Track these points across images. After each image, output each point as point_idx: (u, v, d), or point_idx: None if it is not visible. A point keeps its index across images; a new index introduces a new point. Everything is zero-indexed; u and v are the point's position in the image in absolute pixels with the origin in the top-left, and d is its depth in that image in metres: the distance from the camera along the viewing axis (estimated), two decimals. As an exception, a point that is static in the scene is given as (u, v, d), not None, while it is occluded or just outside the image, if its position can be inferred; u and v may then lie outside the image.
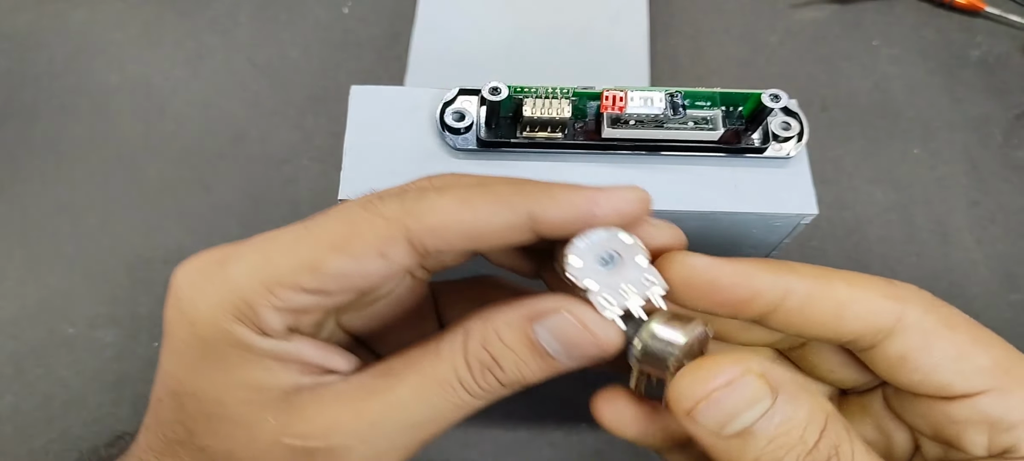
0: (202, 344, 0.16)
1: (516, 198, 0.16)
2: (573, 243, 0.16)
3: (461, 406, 0.17)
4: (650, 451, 0.31)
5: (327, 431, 0.16)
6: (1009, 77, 0.40)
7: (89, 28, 0.41)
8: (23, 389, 0.32)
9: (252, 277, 0.16)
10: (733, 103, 0.24)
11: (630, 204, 0.16)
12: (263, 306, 0.16)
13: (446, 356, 0.17)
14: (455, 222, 0.15)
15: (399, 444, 0.17)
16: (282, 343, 0.16)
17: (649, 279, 0.17)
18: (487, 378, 0.16)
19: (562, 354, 0.16)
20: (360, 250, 0.15)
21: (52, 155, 0.37)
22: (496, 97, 0.22)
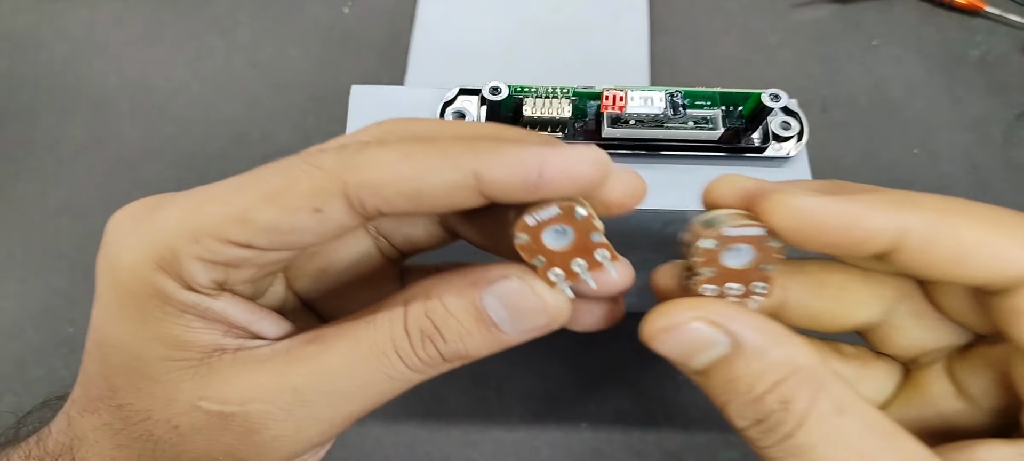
0: (124, 293, 0.15)
1: (462, 155, 0.14)
2: (524, 216, 0.15)
3: (395, 378, 0.16)
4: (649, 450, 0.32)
5: (244, 396, 0.15)
6: (1009, 77, 0.40)
7: (89, 29, 0.42)
8: (24, 389, 0.32)
9: (179, 225, 0.15)
10: (733, 103, 0.24)
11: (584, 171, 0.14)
12: (187, 256, 0.15)
13: (383, 323, 0.15)
14: (394, 178, 0.14)
15: (323, 416, 0.16)
16: (206, 299, 0.15)
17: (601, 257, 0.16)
18: (427, 349, 0.15)
19: (508, 322, 0.15)
20: (293, 203, 0.14)
21: (52, 156, 0.38)
22: (496, 97, 0.23)
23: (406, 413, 0.31)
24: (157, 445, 0.16)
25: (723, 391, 0.15)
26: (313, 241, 0.15)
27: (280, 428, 0.15)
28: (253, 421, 0.15)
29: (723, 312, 0.15)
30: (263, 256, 0.15)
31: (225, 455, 0.16)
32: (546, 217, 0.15)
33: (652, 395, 0.32)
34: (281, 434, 0.15)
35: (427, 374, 0.16)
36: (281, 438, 0.15)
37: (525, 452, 0.31)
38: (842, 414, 0.14)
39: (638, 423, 0.32)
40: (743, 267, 0.16)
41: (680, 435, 0.31)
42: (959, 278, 0.15)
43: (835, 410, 0.14)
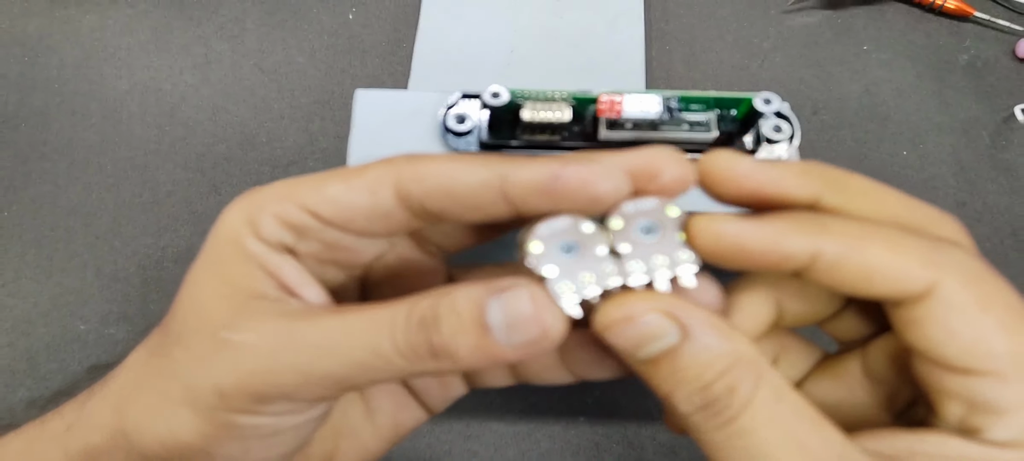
0: (213, 242, 0.18)
1: (495, 164, 0.16)
2: (534, 228, 0.16)
3: (379, 354, 0.16)
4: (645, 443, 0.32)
5: (246, 328, 0.16)
6: (997, 81, 0.41)
7: (99, 34, 0.42)
8: (36, 384, 0.33)
9: (275, 190, 0.17)
10: (726, 107, 0.24)
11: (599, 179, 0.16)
12: (267, 213, 0.17)
13: (395, 306, 0.16)
14: (436, 171, 0.16)
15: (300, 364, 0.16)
16: (269, 252, 0.17)
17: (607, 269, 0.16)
18: (418, 335, 0.16)
19: (504, 332, 0.16)
20: (356, 183, 0.17)
21: (64, 159, 0.38)
22: (497, 101, 0.23)
23: (409, 407, 0.32)
24: (167, 363, 0.17)
25: (669, 379, 0.16)
26: (364, 223, 0.17)
27: (260, 362, 0.16)
28: (242, 351, 0.16)
29: (676, 305, 0.16)
30: (324, 231, 0.17)
31: (207, 377, 0.17)
32: (555, 229, 0.16)
33: (647, 391, 0.33)
34: (258, 368, 0.16)
35: (413, 365, 0.16)
36: (257, 372, 0.16)
37: (525, 444, 0.32)
38: (779, 401, 0.16)
39: (634, 417, 0.32)
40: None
41: (675, 429, 0.32)
42: (865, 295, 0.16)
43: (774, 397, 0.16)
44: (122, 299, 0.35)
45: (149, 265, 0.35)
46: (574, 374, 0.21)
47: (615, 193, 0.16)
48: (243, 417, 0.17)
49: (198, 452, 0.17)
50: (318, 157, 0.38)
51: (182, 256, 0.35)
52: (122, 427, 0.18)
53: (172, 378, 0.17)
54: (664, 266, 0.16)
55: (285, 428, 0.17)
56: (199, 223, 0.36)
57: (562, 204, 0.16)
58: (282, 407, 0.17)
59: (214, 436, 0.17)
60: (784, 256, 0.16)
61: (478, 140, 0.24)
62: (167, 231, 0.36)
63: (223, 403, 0.16)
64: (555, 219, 0.16)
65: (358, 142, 0.24)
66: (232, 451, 0.17)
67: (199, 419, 0.17)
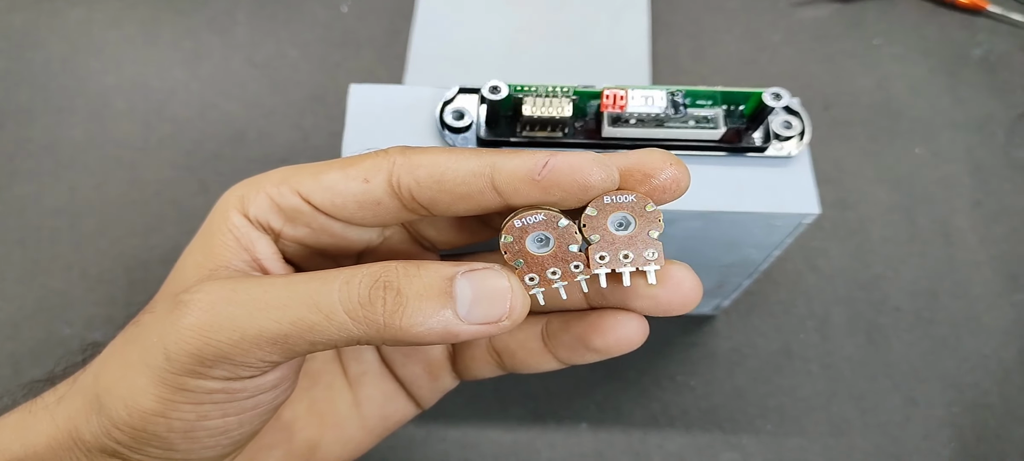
0: (209, 219, 0.19)
1: (486, 155, 0.17)
2: (512, 218, 0.17)
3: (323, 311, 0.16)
4: (652, 451, 0.31)
5: (199, 286, 0.17)
6: (1011, 76, 0.40)
7: (86, 28, 0.41)
8: (21, 390, 0.32)
9: (274, 175, 0.18)
10: (734, 102, 0.24)
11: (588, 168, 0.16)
12: (261, 193, 0.18)
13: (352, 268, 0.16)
14: (427, 161, 0.17)
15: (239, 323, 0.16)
16: (250, 229, 0.18)
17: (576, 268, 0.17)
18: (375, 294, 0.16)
19: (467, 305, 0.16)
20: (351, 172, 0.18)
21: (49, 157, 0.37)
22: (496, 96, 0.22)
23: (405, 415, 0.31)
24: (133, 330, 0.18)
25: None
26: (356, 211, 0.18)
27: (198, 318, 0.16)
28: (185, 309, 0.16)
29: None
30: (315, 217, 0.18)
31: (158, 338, 0.16)
32: (531, 222, 0.17)
33: (653, 395, 0.32)
34: (195, 324, 0.16)
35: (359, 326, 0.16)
36: (194, 328, 0.16)
37: (524, 454, 0.31)
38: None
39: (639, 424, 0.31)
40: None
41: (681, 436, 0.31)
42: None
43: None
44: (108, 302, 0.34)
45: (136, 266, 0.34)
46: (559, 359, 0.21)
47: (603, 184, 0.16)
48: (191, 380, 0.16)
49: (157, 417, 0.17)
50: (311, 154, 0.37)
51: (169, 257, 0.34)
52: (97, 393, 0.18)
53: (134, 342, 0.17)
54: (627, 262, 0.17)
55: (239, 395, 0.17)
56: (187, 223, 0.35)
57: (552, 193, 0.16)
58: (225, 370, 0.16)
59: (168, 399, 0.16)
60: None
61: (476, 136, 0.23)
62: (154, 231, 0.35)
63: (170, 365, 0.16)
64: (534, 213, 0.17)
65: (352, 139, 0.24)
66: (187, 415, 0.17)
67: (152, 383, 0.16)
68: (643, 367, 0.33)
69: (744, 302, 0.34)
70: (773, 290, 0.34)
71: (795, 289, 0.34)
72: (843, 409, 0.32)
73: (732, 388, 0.32)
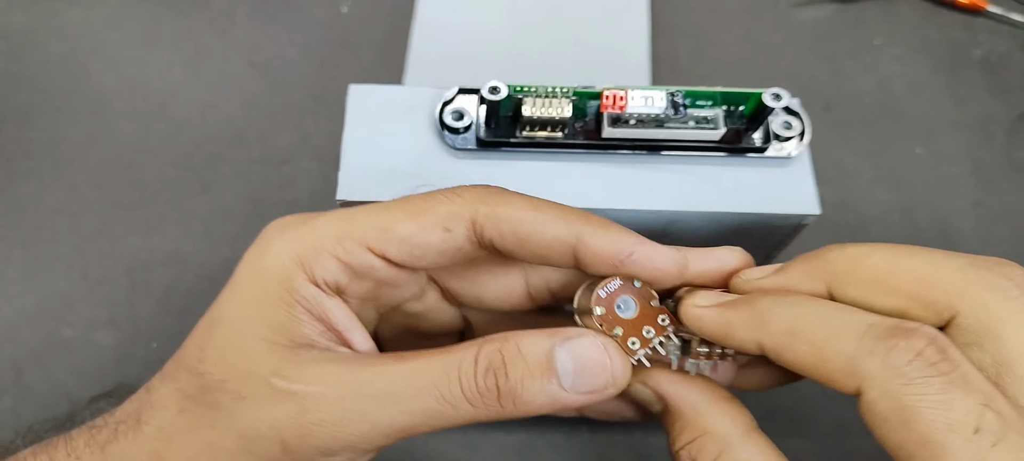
0: (260, 279, 0.17)
1: (573, 219, 0.17)
2: (596, 289, 0.18)
3: (448, 400, 0.16)
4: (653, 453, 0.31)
5: (312, 381, 0.16)
6: (1012, 76, 0.40)
7: (85, 28, 0.41)
8: (21, 392, 0.32)
9: (331, 229, 0.17)
10: (734, 102, 0.24)
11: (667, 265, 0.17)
12: (327, 253, 0.17)
13: (458, 351, 0.17)
14: (516, 217, 0.17)
15: (369, 415, 0.16)
16: (322, 296, 0.17)
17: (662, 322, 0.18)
18: (487, 380, 0.16)
19: (571, 378, 0.17)
20: (430, 221, 0.17)
21: (49, 157, 0.37)
22: (495, 96, 0.22)
23: (405, 415, 0.31)
24: (217, 414, 0.17)
25: None
26: (435, 260, 0.17)
27: (327, 412, 0.16)
28: (308, 401, 0.16)
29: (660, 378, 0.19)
30: (387, 271, 0.18)
31: (269, 428, 0.16)
32: (613, 289, 0.18)
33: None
34: (326, 419, 0.16)
35: (479, 410, 0.17)
36: (325, 423, 0.16)
37: (527, 455, 0.31)
38: None
39: (640, 425, 0.31)
40: None
41: (681, 437, 0.31)
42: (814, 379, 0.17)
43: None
44: (109, 303, 0.34)
45: (137, 267, 0.34)
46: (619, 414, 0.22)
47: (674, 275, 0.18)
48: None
49: None
50: (311, 155, 0.37)
51: (170, 258, 0.34)
52: None
53: (225, 429, 0.16)
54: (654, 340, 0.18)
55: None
56: (188, 223, 0.35)
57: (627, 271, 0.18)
58: (345, 456, 0.17)
59: None
60: (736, 343, 0.18)
61: (476, 136, 0.23)
62: (155, 232, 0.35)
63: (287, 455, 0.16)
64: (612, 280, 0.18)
65: (352, 139, 0.24)
66: None
67: None
68: (643, 367, 0.33)
69: (744, 302, 0.34)
70: (773, 290, 0.34)
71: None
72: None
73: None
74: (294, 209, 0.36)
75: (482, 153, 0.23)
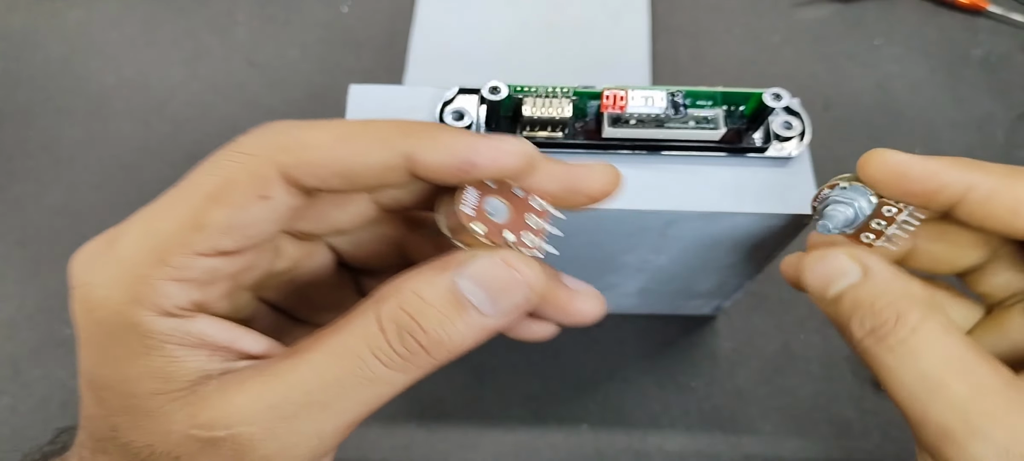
0: (105, 333, 0.15)
1: (395, 138, 0.15)
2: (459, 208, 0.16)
3: (374, 380, 0.15)
4: (652, 452, 0.31)
5: (229, 420, 0.15)
6: (1011, 77, 0.40)
7: (85, 28, 0.41)
8: (20, 390, 0.32)
9: (141, 249, 0.15)
10: (734, 102, 0.23)
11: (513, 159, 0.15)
12: (160, 280, 0.15)
13: (355, 326, 0.15)
14: (330, 157, 0.15)
15: (306, 430, 0.15)
16: (184, 323, 0.15)
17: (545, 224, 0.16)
18: (406, 343, 0.15)
19: (488, 304, 0.15)
20: (239, 197, 0.15)
21: (49, 157, 0.37)
22: (496, 96, 0.22)
23: (404, 414, 0.31)
24: None
25: (849, 309, 0.18)
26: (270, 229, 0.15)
27: (266, 447, 0.15)
28: (241, 443, 0.15)
29: (860, 251, 0.19)
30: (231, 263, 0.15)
31: None
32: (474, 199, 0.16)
33: (653, 396, 0.32)
34: (269, 453, 0.15)
35: (411, 372, 0.15)
36: (270, 457, 0.15)
37: (525, 454, 0.31)
38: (947, 333, 0.17)
39: (639, 424, 0.31)
40: None
41: (681, 436, 0.31)
42: (1014, 229, 0.18)
43: (942, 329, 0.17)
44: (108, 302, 0.34)
45: (136, 267, 0.34)
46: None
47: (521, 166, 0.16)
48: None
49: None
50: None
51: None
52: None
53: None
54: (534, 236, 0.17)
55: None
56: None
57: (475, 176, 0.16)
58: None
59: None
60: (941, 185, 0.18)
61: (476, 137, 0.23)
62: (155, 231, 0.35)
63: None
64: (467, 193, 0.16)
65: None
66: None
67: None
68: (644, 367, 0.33)
69: (744, 302, 0.34)
70: (773, 290, 0.34)
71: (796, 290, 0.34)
72: (843, 409, 0.32)
73: (732, 388, 0.32)
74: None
75: (482, 153, 0.23)
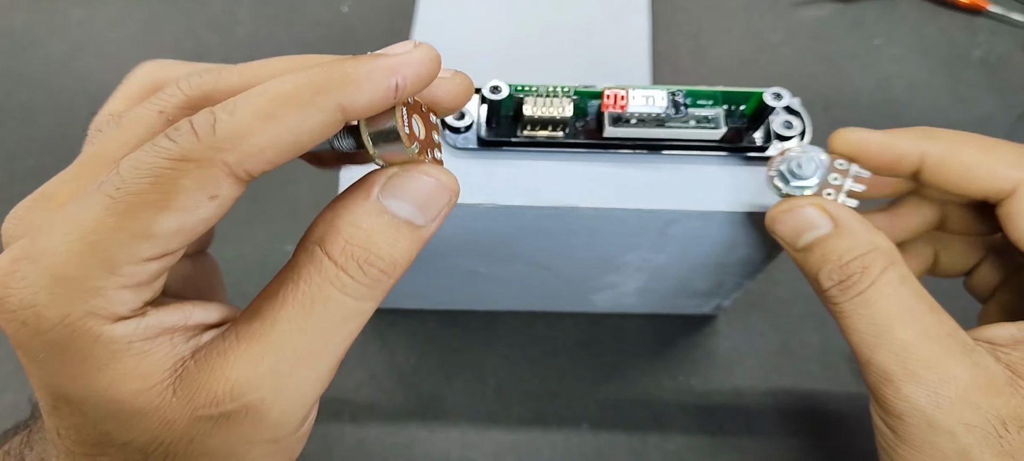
0: (62, 350, 0.14)
1: (324, 96, 0.15)
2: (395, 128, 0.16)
3: (349, 315, 0.16)
4: (651, 451, 0.31)
5: (235, 391, 0.15)
6: (1011, 76, 0.40)
7: (87, 27, 0.41)
8: (23, 386, 0.32)
9: (84, 262, 0.14)
10: (735, 102, 0.24)
11: (429, 68, 0.16)
12: (112, 290, 0.14)
13: (310, 272, 0.16)
14: (272, 141, 0.14)
15: (306, 379, 0.16)
16: (141, 322, 0.15)
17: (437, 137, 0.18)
18: (369, 272, 0.16)
19: (420, 214, 0.17)
20: (189, 201, 0.14)
21: (50, 156, 0.37)
22: (497, 96, 0.22)
23: (405, 414, 0.31)
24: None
25: (818, 260, 0.20)
26: (215, 219, 0.15)
27: (278, 405, 0.16)
28: (255, 408, 0.16)
29: (830, 204, 0.21)
30: (174, 256, 0.15)
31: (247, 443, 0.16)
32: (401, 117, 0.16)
33: (653, 395, 0.32)
34: (283, 409, 0.16)
35: (377, 297, 0.16)
36: (287, 412, 0.16)
37: (525, 453, 0.31)
38: (903, 283, 0.19)
39: (639, 423, 0.31)
40: None
41: (681, 436, 0.31)
42: (964, 192, 0.20)
43: (899, 279, 0.19)
44: (109, 301, 0.34)
45: (137, 266, 0.34)
46: None
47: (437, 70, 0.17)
48: None
49: None
50: (312, 154, 0.37)
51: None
52: None
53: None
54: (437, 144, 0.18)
55: None
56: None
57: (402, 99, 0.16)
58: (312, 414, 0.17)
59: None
60: (898, 155, 0.20)
61: (477, 136, 0.23)
62: (156, 231, 0.35)
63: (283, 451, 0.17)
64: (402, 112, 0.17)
65: (351, 139, 0.23)
66: None
67: None
68: (643, 367, 0.33)
69: (744, 302, 0.34)
70: (773, 290, 0.34)
71: (795, 289, 0.34)
72: (843, 409, 0.32)
73: (732, 388, 0.32)
74: (295, 207, 0.36)
75: (483, 152, 0.23)
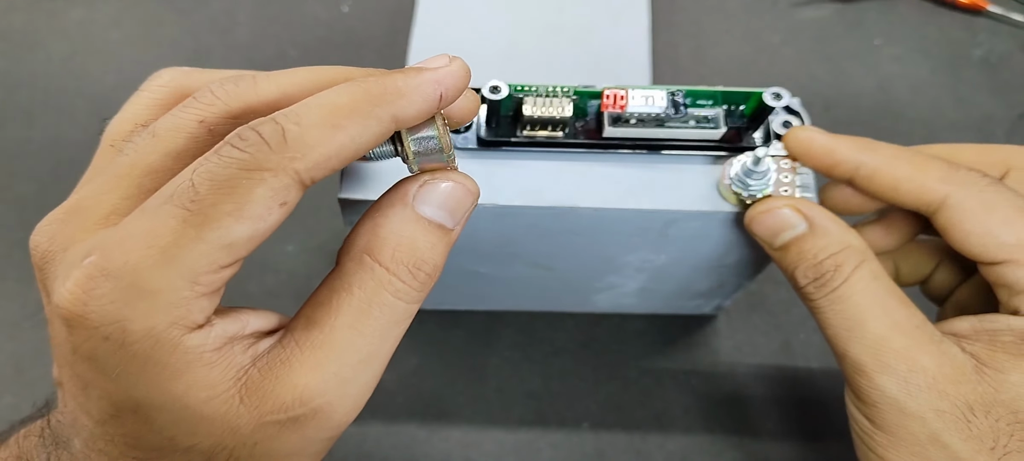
0: (144, 361, 0.15)
1: (379, 109, 0.16)
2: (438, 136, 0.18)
3: (400, 318, 0.18)
4: (653, 451, 0.31)
5: (304, 396, 0.16)
6: (1012, 76, 0.40)
7: (86, 28, 0.41)
8: (22, 389, 0.32)
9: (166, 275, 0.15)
10: (735, 102, 0.24)
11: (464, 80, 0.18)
12: (194, 299, 0.15)
13: (363, 279, 0.17)
14: (338, 151, 0.16)
15: (365, 381, 0.18)
16: (211, 331, 0.16)
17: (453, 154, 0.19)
18: (418, 276, 0.18)
19: (450, 218, 0.18)
20: (262, 209, 0.15)
21: (50, 157, 0.37)
22: (496, 96, 0.22)
23: (406, 414, 0.31)
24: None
25: (794, 259, 0.22)
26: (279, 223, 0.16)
27: (343, 409, 0.17)
28: (323, 412, 0.17)
29: (805, 204, 0.22)
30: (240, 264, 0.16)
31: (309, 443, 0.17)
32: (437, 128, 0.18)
33: (654, 395, 0.32)
34: (346, 411, 0.17)
35: (421, 298, 0.18)
36: (349, 411, 0.18)
37: (526, 453, 0.31)
38: (875, 279, 0.21)
39: (640, 423, 0.31)
40: None
41: (682, 435, 0.31)
42: (895, 201, 0.22)
43: (871, 275, 0.21)
44: (109, 302, 0.34)
45: (137, 266, 0.34)
46: None
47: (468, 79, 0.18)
48: None
49: None
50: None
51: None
52: None
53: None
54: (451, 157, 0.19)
55: None
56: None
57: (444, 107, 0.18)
58: None
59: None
60: (836, 161, 0.22)
61: (476, 136, 0.23)
62: (155, 231, 0.35)
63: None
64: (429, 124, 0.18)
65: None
66: None
67: None
68: (644, 367, 0.33)
69: (744, 302, 0.34)
70: (773, 290, 0.34)
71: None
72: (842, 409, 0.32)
73: (733, 387, 0.32)
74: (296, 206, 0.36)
75: (483, 152, 0.23)
